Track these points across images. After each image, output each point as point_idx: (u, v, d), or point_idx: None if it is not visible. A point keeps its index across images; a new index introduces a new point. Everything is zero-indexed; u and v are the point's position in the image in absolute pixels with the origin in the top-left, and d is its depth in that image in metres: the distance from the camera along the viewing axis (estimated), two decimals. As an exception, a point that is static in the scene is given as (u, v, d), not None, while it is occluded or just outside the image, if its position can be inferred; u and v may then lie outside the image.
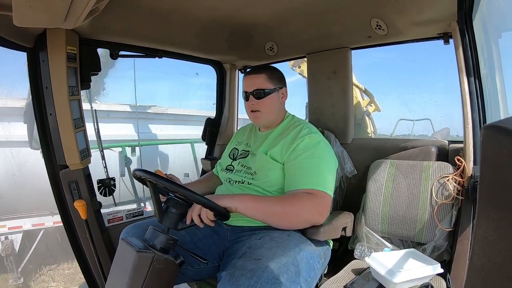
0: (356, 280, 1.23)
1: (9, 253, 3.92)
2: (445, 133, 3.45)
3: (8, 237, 3.96)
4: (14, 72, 4.54)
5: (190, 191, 0.98)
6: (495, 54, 1.57)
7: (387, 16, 1.46)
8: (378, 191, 1.49)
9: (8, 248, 3.91)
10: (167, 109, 5.89)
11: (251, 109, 1.39)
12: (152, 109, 5.67)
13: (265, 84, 1.36)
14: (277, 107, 1.40)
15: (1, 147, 4.09)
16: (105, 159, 2.19)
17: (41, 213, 4.13)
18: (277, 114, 1.42)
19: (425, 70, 12.63)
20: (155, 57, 1.80)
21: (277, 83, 1.39)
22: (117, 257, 1.02)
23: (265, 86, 1.36)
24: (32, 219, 4.09)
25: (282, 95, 1.42)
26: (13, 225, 3.98)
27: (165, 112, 5.83)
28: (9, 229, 3.96)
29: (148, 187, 1.06)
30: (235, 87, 2.29)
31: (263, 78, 1.37)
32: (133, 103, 5.17)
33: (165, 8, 1.45)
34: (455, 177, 1.34)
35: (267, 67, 1.45)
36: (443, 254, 1.34)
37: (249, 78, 1.40)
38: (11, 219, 3.96)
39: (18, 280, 3.91)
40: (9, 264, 3.95)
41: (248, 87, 1.39)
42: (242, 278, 0.92)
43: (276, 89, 1.38)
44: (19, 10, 0.92)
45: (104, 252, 1.54)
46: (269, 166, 1.30)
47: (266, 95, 1.36)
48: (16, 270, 3.94)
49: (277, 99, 1.39)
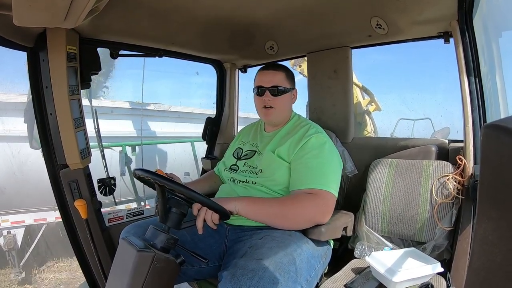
0: (356, 279, 1.23)
1: (11, 248, 3.96)
2: (445, 133, 3.45)
3: (10, 231, 3.99)
4: (14, 70, 4.55)
5: (193, 192, 0.98)
6: (495, 53, 1.56)
7: (388, 15, 1.46)
8: (378, 190, 1.49)
9: (10, 243, 3.96)
10: (170, 107, 5.96)
11: (265, 105, 1.38)
12: (155, 106, 5.73)
13: (283, 82, 1.38)
14: (288, 107, 1.43)
15: (7, 142, 4.12)
16: (105, 159, 2.20)
17: (43, 208, 4.14)
18: (287, 113, 1.44)
19: (426, 69, 12.64)
20: (155, 56, 1.80)
21: (292, 83, 1.43)
22: (117, 257, 1.02)
23: (283, 84, 1.38)
24: (34, 214, 4.11)
25: (293, 96, 1.45)
26: (15, 219, 4.00)
27: (168, 109, 5.89)
28: (11, 224, 3.99)
29: (153, 187, 1.05)
30: (235, 86, 2.29)
31: (282, 76, 1.38)
32: (136, 100, 5.24)
33: (165, 7, 1.45)
34: (455, 176, 1.34)
35: (283, 66, 1.46)
36: (443, 253, 1.34)
37: (268, 73, 1.40)
38: (14, 213, 3.99)
39: (19, 275, 3.94)
40: (11, 259, 3.98)
41: (265, 83, 1.38)
42: (243, 278, 0.92)
43: (290, 89, 1.41)
44: (19, 9, 0.92)
45: (104, 252, 1.55)
46: (276, 164, 1.30)
47: (283, 93, 1.37)
48: (18, 264, 3.97)
49: (289, 99, 1.42)
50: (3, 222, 3.94)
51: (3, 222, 3.94)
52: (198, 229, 1.05)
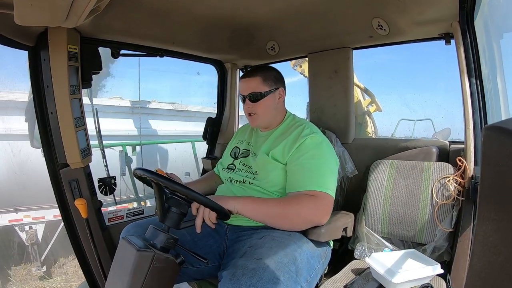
0: (356, 280, 1.23)
1: (33, 242, 4.11)
2: (446, 134, 3.44)
3: (32, 226, 4.14)
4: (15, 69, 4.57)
5: (192, 191, 0.98)
6: (497, 55, 1.56)
7: (389, 16, 1.46)
8: (379, 191, 1.49)
9: (32, 237, 4.10)
10: (187, 106, 6.06)
11: (248, 112, 1.40)
12: (173, 106, 5.84)
13: (259, 87, 1.36)
14: (273, 109, 1.40)
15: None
16: (105, 158, 2.20)
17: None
18: (274, 115, 1.41)
19: (427, 70, 12.62)
20: (156, 56, 1.80)
21: (272, 84, 1.38)
22: (117, 256, 1.02)
23: (260, 89, 1.36)
24: (53, 210, 4.17)
25: (279, 95, 1.40)
26: (36, 215, 4.15)
27: (184, 109, 6.00)
28: (33, 219, 4.14)
29: (152, 187, 1.06)
30: (236, 86, 2.29)
31: (257, 81, 1.37)
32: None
33: (167, 7, 1.45)
34: (455, 178, 1.33)
35: (262, 69, 1.43)
36: (443, 255, 1.34)
37: (244, 81, 1.40)
38: (35, 209, 4.13)
39: (40, 269, 4.08)
40: (33, 253, 4.12)
41: (243, 91, 1.39)
42: (243, 278, 0.92)
43: (271, 91, 1.38)
44: (21, 8, 0.93)
45: (104, 251, 1.55)
46: (270, 166, 1.30)
47: (262, 97, 1.36)
48: (39, 259, 4.12)
49: (272, 100, 1.38)
50: (25, 218, 4.10)
51: (25, 217, 4.10)
52: (196, 228, 1.05)
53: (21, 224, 4.07)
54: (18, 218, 4.07)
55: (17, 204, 4.05)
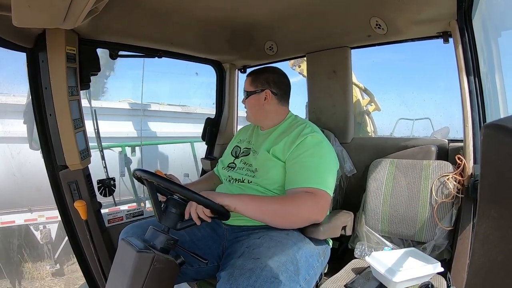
0: (356, 279, 1.23)
1: (47, 241, 4.30)
2: (445, 132, 3.45)
3: (46, 226, 4.31)
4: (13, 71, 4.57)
5: (187, 190, 0.99)
6: (495, 53, 1.57)
7: (387, 15, 1.46)
8: (378, 190, 1.49)
9: (46, 236, 4.29)
10: (196, 108, 6.09)
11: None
12: (182, 109, 5.89)
13: (248, 86, 1.46)
14: (259, 109, 1.43)
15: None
16: (105, 159, 2.19)
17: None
18: (264, 115, 1.44)
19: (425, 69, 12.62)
20: (155, 57, 1.79)
21: (258, 86, 1.42)
22: (117, 257, 1.02)
23: (247, 88, 1.46)
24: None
25: (266, 96, 1.41)
26: (50, 215, 4.28)
27: (194, 111, 6.03)
28: (46, 219, 4.29)
29: (146, 187, 1.06)
30: (234, 86, 2.29)
31: (248, 80, 1.47)
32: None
33: (165, 8, 1.45)
34: (455, 176, 1.34)
35: (260, 70, 1.50)
36: (444, 253, 1.34)
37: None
38: (49, 209, 4.23)
39: (54, 266, 4.26)
40: (47, 251, 4.33)
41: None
42: (241, 278, 0.92)
43: (256, 92, 1.42)
44: (19, 10, 0.92)
45: (104, 252, 1.54)
46: (270, 163, 1.30)
47: (248, 97, 1.45)
48: (53, 257, 4.30)
49: (257, 100, 1.42)
50: (39, 218, 4.24)
51: (39, 217, 4.24)
52: (195, 221, 1.06)
53: (35, 224, 4.24)
54: (33, 218, 4.24)
55: (31, 204, 4.18)
